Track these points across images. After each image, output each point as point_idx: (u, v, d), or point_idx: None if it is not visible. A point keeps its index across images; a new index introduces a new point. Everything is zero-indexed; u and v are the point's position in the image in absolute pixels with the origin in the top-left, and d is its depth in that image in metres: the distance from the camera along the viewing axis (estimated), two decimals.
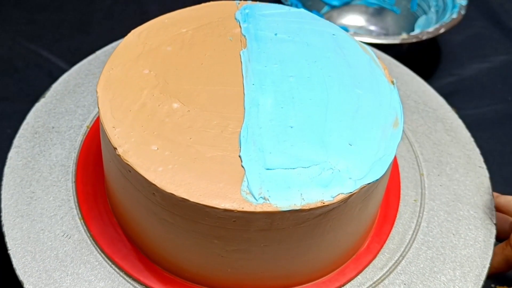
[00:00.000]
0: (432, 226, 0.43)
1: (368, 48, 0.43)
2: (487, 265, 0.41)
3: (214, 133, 0.36)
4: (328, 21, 0.45)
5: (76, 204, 0.42)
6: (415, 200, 0.45)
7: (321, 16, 0.45)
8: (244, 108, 0.37)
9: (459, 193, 0.45)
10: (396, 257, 0.41)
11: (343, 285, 0.39)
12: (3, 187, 0.43)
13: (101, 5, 0.71)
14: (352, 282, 0.40)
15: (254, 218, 0.33)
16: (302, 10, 0.46)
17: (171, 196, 0.33)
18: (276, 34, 0.42)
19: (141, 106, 0.37)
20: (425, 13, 0.65)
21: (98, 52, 0.53)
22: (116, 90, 0.38)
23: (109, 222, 0.41)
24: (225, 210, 0.33)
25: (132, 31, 0.42)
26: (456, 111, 0.50)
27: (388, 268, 0.41)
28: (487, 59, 0.67)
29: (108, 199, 0.42)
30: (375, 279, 0.40)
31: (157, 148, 0.35)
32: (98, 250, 0.40)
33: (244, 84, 0.39)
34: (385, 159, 0.36)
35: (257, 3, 0.45)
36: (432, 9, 0.63)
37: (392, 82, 0.41)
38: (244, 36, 0.42)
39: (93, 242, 0.40)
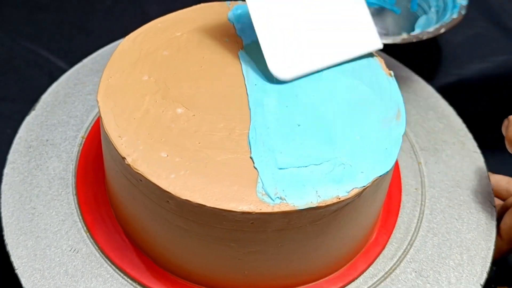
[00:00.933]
0: (435, 213, 0.44)
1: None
2: (492, 247, 0.42)
3: (221, 136, 0.36)
4: None
5: (80, 217, 0.41)
6: (416, 189, 0.45)
7: None
8: (249, 109, 0.37)
9: (458, 179, 0.46)
10: (404, 246, 0.42)
11: (355, 278, 0.40)
12: (2, 204, 0.42)
13: (101, 5, 0.71)
14: (364, 274, 0.40)
15: (271, 219, 0.33)
16: None
17: (186, 203, 0.33)
18: None
19: (144, 113, 0.37)
20: (425, 13, 0.64)
21: (85, 60, 0.52)
22: (117, 98, 0.38)
23: (115, 233, 0.40)
24: (243, 213, 0.32)
25: (127, 37, 0.42)
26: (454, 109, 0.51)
27: (397, 257, 0.41)
28: (487, 59, 0.67)
29: (113, 209, 0.41)
30: (386, 270, 0.40)
31: (167, 155, 0.35)
32: (108, 262, 0.39)
33: (246, 85, 0.39)
34: (392, 150, 0.36)
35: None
36: (433, 9, 0.62)
37: (390, 74, 0.41)
38: (240, 36, 0.42)
39: (102, 255, 0.40)
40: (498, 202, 0.46)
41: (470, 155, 0.48)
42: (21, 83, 0.61)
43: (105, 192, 0.43)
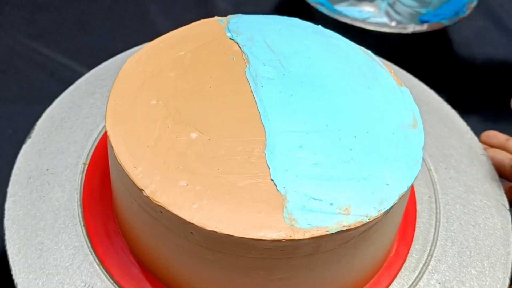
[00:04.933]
0: (451, 220, 0.44)
1: (365, 49, 0.43)
2: (511, 252, 0.42)
3: (240, 160, 0.34)
4: (306, 22, 0.44)
5: (91, 250, 0.40)
6: (429, 197, 0.45)
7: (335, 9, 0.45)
8: (264, 129, 0.36)
9: (469, 184, 0.46)
10: (425, 257, 0.41)
11: None
12: (7, 241, 0.40)
13: (101, 5, 0.71)
14: None
15: (301, 245, 0.32)
16: (280, 17, 0.45)
17: (212, 234, 0.32)
18: (270, 45, 0.41)
19: (157, 140, 0.35)
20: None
21: (78, 82, 0.50)
22: (127, 126, 0.36)
23: (131, 264, 0.39)
24: (273, 241, 0.31)
25: (129, 59, 0.40)
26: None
27: (419, 269, 0.41)
28: (487, 59, 0.67)
29: (127, 240, 0.40)
30: (410, 283, 0.40)
31: (186, 184, 0.33)
32: None
33: (257, 103, 0.37)
34: (414, 160, 0.36)
35: (239, 16, 0.44)
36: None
37: (401, 84, 0.40)
38: (245, 54, 0.41)
39: None
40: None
41: (478, 159, 0.48)
42: (22, 83, 0.62)
43: (115, 222, 0.41)
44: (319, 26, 0.44)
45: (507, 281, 0.41)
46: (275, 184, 0.33)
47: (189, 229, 0.32)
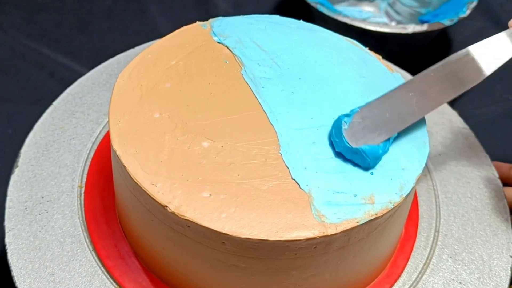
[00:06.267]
0: (449, 195, 0.45)
1: (350, 39, 0.44)
2: (509, 218, 0.44)
3: (258, 164, 0.34)
4: (286, 18, 0.45)
5: (107, 274, 0.38)
6: (424, 175, 0.46)
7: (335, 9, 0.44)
8: (275, 129, 0.36)
9: (458, 158, 0.48)
10: (433, 234, 0.43)
11: (400, 276, 0.40)
12: (16, 278, 0.38)
13: (101, 5, 0.70)
14: (406, 269, 0.40)
15: (334, 239, 0.32)
16: (266, 16, 0.45)
17: (246, 241, 0.31)
18: (260, 45, 0.41)
19: (170, 153, 0.35)
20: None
21: (55, 103, 0.48)
22: (135, 143, 0.35)
23: (152, 283, 0.38)
24: (307, 239, 0.31)
25: (120, 74, 0.39)
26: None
27: (430, 246, 0.42)
28: None
29: (144, 259, 0.39)
30: (424, 261, 0.41)
31: (210, 194, 0.33)
32: None
33: (262, 104, 0.37)
34: (422, 143, 0.37)
35: (220, 19, 0.44)
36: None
37: (391, 69, 0.41)
38: (238, 56, 0.40)
39: None
40: None
41: (461, 132, 0.50)
42: (22, 84, 0.61)
43: (126, 242, 0.40)
44: (301, 20, 0.45)
45: None
46: (297, 183, 0.33)
47: (220, 240, 0.32)
